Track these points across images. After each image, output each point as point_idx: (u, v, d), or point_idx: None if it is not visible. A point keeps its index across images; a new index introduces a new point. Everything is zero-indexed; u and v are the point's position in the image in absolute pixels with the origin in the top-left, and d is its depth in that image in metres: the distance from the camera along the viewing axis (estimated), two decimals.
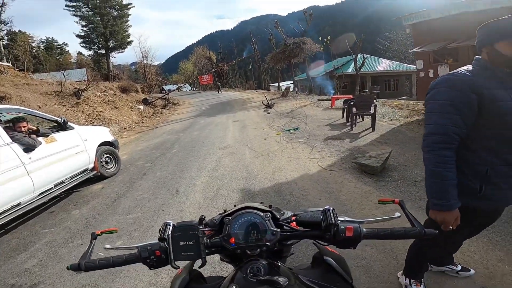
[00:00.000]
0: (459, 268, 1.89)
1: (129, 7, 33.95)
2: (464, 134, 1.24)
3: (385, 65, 23.15)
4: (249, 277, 0.67)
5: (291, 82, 24.05)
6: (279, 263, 0.78)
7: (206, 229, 0.81)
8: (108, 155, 4.96)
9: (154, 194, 3.96)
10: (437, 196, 1.28)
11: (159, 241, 0.74)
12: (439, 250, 1.66)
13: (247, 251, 0.74)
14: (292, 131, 6.53)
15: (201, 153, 5.63)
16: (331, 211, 0.77)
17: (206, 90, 34.20)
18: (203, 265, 0.73)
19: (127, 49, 34.52)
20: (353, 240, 0.76)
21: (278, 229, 0.76)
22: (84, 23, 32.04)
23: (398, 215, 0.87)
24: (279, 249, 0.84)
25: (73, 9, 31.18)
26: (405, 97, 17.54)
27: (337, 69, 20.59)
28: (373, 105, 6.03)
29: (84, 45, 33.62)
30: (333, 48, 20.19)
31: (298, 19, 19.08)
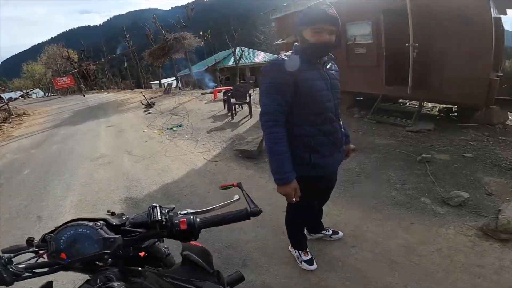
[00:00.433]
0: (330, 232, 2.21)
1: None
2: (286, 111, 1.44)
3: (261, 57, 25.36)
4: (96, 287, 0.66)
5: (174, 78, 23.14)
6: (140, 268, 0.77)
7: (39, 249, 0.75)
8: None
9: (8, 225, 3.07)
10: (276, 170, 1.44)
11: None
12: (305, 218, 1.87)
13: (97, 262, 0.70)
14: (175, 129, 6.32)
15: (66, 169, 4.66)
16: (157, 208, 0.77)
17: (67, 94, 28.23)
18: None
19: None
20: (190, 231, 0.78)
21: (117, 235, 0.72)
22: None
23: (237, 197, 0.95)
24: (134, 254, 0.81)
25: None
26: None
27: (218, 62, 21.18)
28: (248, 94, 6.58)
29: None
30: (214, 42, 20.58)
31: (181, 14, 18.35)
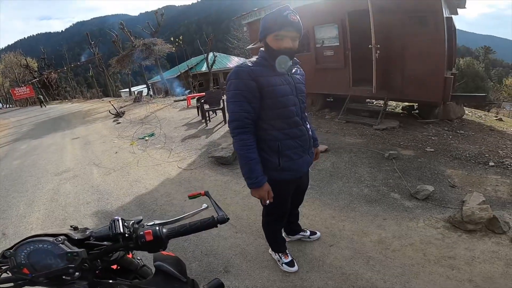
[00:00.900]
0: (308, 233, 2.24)
1: None
2: (254, 117, 1.44)
3: (234, 62, 25.35)
4: None
5: (145, 86, 22.42)
6: (111, 281, 0.79)
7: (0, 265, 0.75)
8: None
9: None
10: (248, 176, 1.45)
11: None
12: (281, 221, 1.88)
13: (64, 277, 0.71)
14: (147, 138, 6.09)
15: (29, 186, 4.31)
16: (118, 220, 0.78)
17: (28, 105, 26.26)
18: None
19: None
20: (157, 242, 0.78)
21: (80, 250, 0.72)
22: None
23: (205, 206, 0.97)
24: (105, 267, 0.81)
25: None
26: None
27: (191, 68, 20.89)
28: (222, 100, 6.53)
29: None
30: (186, 47, 20.28)
31: (150, 20, 17.85)
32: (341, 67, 5.50)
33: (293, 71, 1.57)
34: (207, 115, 6.52)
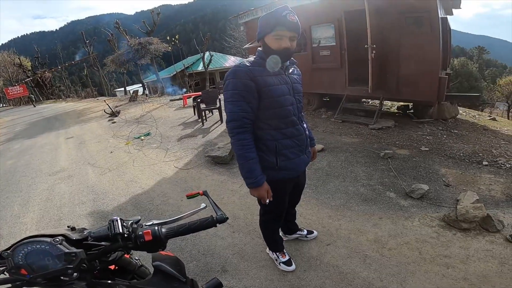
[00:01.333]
0: (305, 232, 2.25)
1: None
2: (253, 117, 1.45)
3: (230, 61, 25.27)
4: None
5: (141, 85, 22.25)
6: (110, 281, 0.78)
7: None
8: None
9: None
10: (247, 175, 1.45)
11: None
12: (278, 220, 1.89)
13: (62, 277, 0.71)
14: (143, 138, 6.04)
15: (23, 186, 4.26)
16: (117, 220, 0.78)
17: (21, 104, 25.93)
18: None
19: None
20: (156, 242, 0.78)
21: (79, 250, 0.71)
22: None
23: (204, 205, 0.97)
24: (103, 268, 0.81)
25: None
26: None
27: (187, 68, 20.79)
28: (218, 99, 6.51)
29: None
30: (183, 47, 20.18)
31: (146, 19, 17.71)
32: (337, 66, 5.52)
33: (290, 71, 1.58)
34: (203, 115, 6.50)
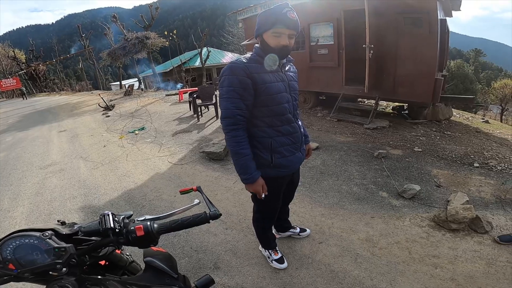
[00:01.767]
0: (298, 230, 2.26)
1: None
2: (247, 114, 1.44)
3: (228, 57, 25.06)
4: None
5: (137, 79, 22.06)
6: (99, 277, 0.77)
7: None
8: None
9: None
10: (241, 172, 1.46)
11: None
12: (271, 218, 1.89)
13: (51, 272, 0.70)
14: (137, 132, 5.99)
15: (13, 179, 4.19)
16: (109, 215, 0.77)
17: (13, 97, 25.56)
18: None
19: None
20: (148, 238, 0.77)
21: (68, 245, 0.70)
22: None
23: (197, 201, 0.95)
24: (93, 263, 0.81)
25: None
26: None
27: (184, 63, 20.64)
28: (214, 95, 6.48)
29: None
30: (180, 42, 20.02)
31: (144, 13, 17.50)
32: (335, 65, 5.52)
33: (287, 68, 1.57)
34: (199, 110, 6.46)
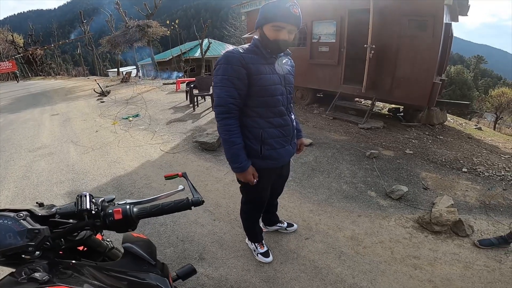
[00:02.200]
0: (285, 224, 2.27)
1: None
2: (240, 103, 1.44)
3: (228, 49, 24.97)
4: (19, 280, 0.61)
5: (135, 67, 21.83)
6: (74, 261, 0.74)
7: None
8: None
9: None
10: (232, 160, 1.47)
11: None
12: (259, 210, 1.90)
13: (23, 256, 0.66)
14: (131, 119, 5.93)
15: (0, 161, 4.12)
16: (86, 196, 0.74)
17: (8, 80, 25.20)
18: None
19: None
20: (126, 222, 0.75)
21: (43, 227, 0.67)
22: None
23: (181, 187, 0.94)
24: (70, 247, 0.78)
25: None
26: None
27: (184, 53, 20.43)
28: (211, 86, 6.43)
29: None
30: (182, 32, 19.80)
31: (148, 1, 17.22)
32: (334, 64, 5.50)
33: (284, 61, 1.57)
34: (195, 100, 6.41)
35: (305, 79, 5.93)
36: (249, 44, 1.49)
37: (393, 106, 6.09)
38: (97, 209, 0.74)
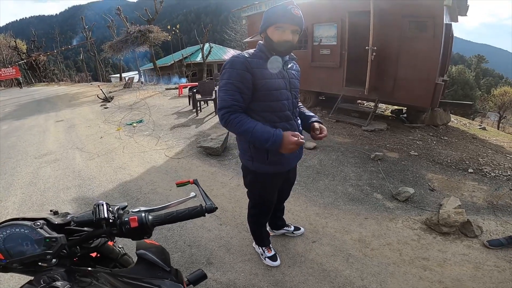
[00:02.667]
0: (292, 228, 2.27)
1: None
2: (244, 107, 1.44)
3: (230, 54, 24.96)
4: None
5: (137, 72, 22.00)
6: (90, 269, 0.75)
7: None
8: None
9: None
10: (263, 140, 1.34)
11: None
12: (266, 215, 1.90)
13: (40, 263, 0.67)
14: (135, 124, 5.97)
15: (7, 168, 4.16)
16: (103, 205, 0.75)
17: (12, 86, 25.49)
18: None
19: None
20: (142, 229, 0.76)
21: (60, 235, 0.69)
22: None
23: (193, 194, 0.94)
24: (85, 254, 0.79)
25: None
26: None
27: (186, 58, 20.57)
28: (214, 91, 6.47)
29: None
30: (183, 36, 19.98)
31: (149, 6, 17.43)
32: (336, 66, 5.52)
33: (289, 66, 1.58)
34: (198, 105, 6.44)
35: (307, 82, 5.95)
36: (254, 49, 1.51)
37: (396, 107, 6.09)
38: (113, 217, 0.75)
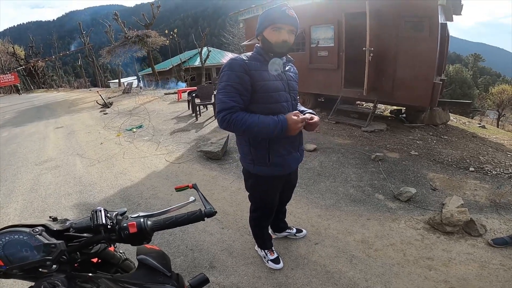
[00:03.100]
0: (294, 230, 2.26)
1: None
2: (243, 109, 1.43)
3: (228, 57, 25.08)
4: None
5: (136, 77, 22.08)
6: (90, 274, 0.75)
7: None
8: None
9: None
10: (271, 129, 1.36)
11: None
12: (268, 217, 1.89)
13: (40, 269, 0.68)
14: (134, 130, 5.97)
15: (8, 175, 4.15)
16: (101, 211, 0.75)
17: (11, 93, 25.50)
18: None
19: None
20: (141, 235, 0.76)
21: (59, 241, 0.69)
22: None
23: (192, 199, 0.94)
24: (85, 260, 0.79)
25: None
26: None
27: (184, 62, 20.65)
28: (213, 95, 6.48)
29: None
30: (181, 41, 20.06)
31: (146, 11, 17.56)
32: (334, 68, 5.54)
33: (287, 68, 1.58)
34: (197, 109, 6.45)
35: (305, 84, 5.97)
36: (252, 52, 1.51)
37: (395, 107, 6.10)
38: (112, 223, 0.76)
